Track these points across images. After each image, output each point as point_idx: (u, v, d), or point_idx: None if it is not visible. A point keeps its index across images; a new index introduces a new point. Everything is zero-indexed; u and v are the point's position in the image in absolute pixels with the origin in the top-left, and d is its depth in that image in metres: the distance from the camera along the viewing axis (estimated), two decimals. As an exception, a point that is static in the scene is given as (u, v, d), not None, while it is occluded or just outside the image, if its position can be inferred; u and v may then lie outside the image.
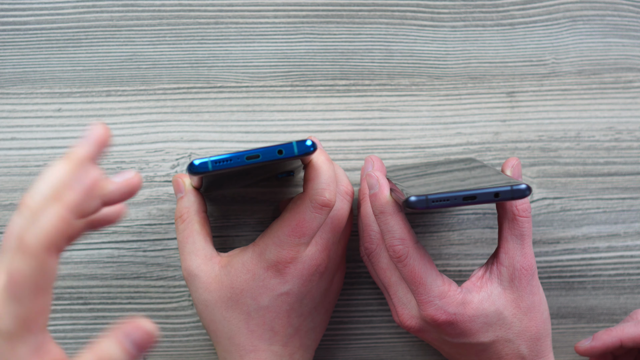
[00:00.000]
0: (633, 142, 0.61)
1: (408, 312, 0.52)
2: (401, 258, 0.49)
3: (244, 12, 0.59)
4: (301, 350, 0.54)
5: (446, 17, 0.60)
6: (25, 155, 0.58)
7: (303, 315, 0.53)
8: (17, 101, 0.58)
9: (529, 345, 0.52)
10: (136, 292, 0.59)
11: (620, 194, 0.61)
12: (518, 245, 0.51)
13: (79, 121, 0.58)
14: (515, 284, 0.51)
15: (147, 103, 0.59)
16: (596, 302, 0.61)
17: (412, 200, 0.46)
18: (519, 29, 0.60)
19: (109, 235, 0.59)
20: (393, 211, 0.49)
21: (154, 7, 0.59)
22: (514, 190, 0.46)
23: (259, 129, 0.59)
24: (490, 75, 0.60)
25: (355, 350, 0.61)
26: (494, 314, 0.51)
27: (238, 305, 0.52)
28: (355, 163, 0.60)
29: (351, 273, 0.60)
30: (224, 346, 0.53)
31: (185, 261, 0.53)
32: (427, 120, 0.60)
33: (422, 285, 0.50)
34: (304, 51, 0.59)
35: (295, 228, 0.50)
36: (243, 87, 0.59)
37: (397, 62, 0.60)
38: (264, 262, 0.51)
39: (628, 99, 0.61)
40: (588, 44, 0.61)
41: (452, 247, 0.60)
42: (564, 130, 0.60)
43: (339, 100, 0.60)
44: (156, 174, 0.59)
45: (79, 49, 0.58)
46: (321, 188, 0.50)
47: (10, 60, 0.58)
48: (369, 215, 0.54)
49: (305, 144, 0.45)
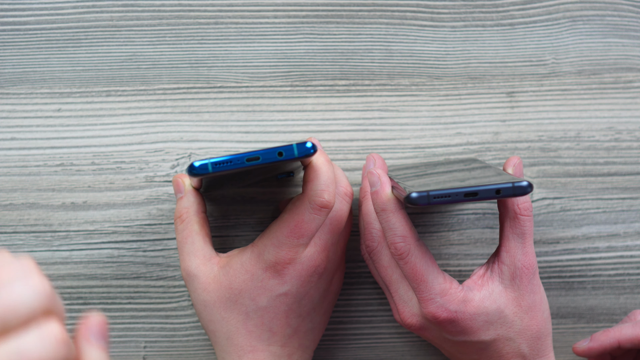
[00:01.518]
0: (633, 142, 0.61)
1: (409, 310, 0.52)
2: (403, 255, 0.49)
3: (244, 12, 0.59)
4: (300, 350, 0.54)
5: (446, 17, 0.60)
6: (25, 155, 0.58)
7: (302, 315, 0.53)
8: (17, 101, 0.58)
9: (530, 343, 0.52)
10: (136, 292, 0.59)
11: (620, 194, 0.61)
12: (519, 244, 0.51)
13: (79, 121, 0.58)
14: (516, 283, 0.51)
15: (147, 103, 0.59)
16: (596, 302, 0.61)
17: (413, 197, 0.46)
18: (518, 29, 0.60)
19: (109, 235, 0.59)
20: (394, 208, 0.49)
21: (154, 7, 0.58)
22: (515, 187, 0.46)
23: (258, 129, 0.59)
24: (490, 75, 0.60)
25: (355, 350, 0.61)
26: (495, 312, 0.51)
27: (236, 306, 0.52)
28: (355, 163, 0.60)
29: (351, 273, 0.60)
30: (223, 346, 0.53)
31: (184, 261, 0.53)
32: (427, 120, 0.60)
33: (423, 283, 0.50)
34: (304, 51, 0.59)
35: (294, 229, 0.50)
36: (243, 87, 0.59)
37: (397, 62, 0.60)
38: (262, 263, 0.51)
39: (628, 99, 0.61)
40: (588, 44, 0.61)
41: (452, 247, 0.60)
42: (564, 130, 0.60)
43: (339, 100, 0.60)
44: (156, 174, 0.59)
45: (79, 49, 0.58)
46: (320, 189, 0.50)
47: (10, 60, 0.58)
48: (371, 213, 0.54)
49: (306, 145, 0.45)
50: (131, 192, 0.59)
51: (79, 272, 0.58)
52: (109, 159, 0.58)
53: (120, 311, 0.59)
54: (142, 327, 0.59)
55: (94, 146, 0.58)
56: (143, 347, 0.59)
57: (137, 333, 0.59)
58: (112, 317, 0.59)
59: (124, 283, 0.59)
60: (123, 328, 0.59)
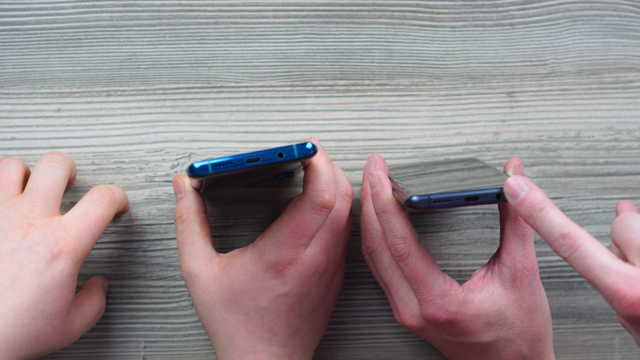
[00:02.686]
0: (633, 142, 0.61)
1: (409, 311, 0.53)
2: (403, 257, 0.49)
3: (244, 12, 0.59)
4: (300, 350, 0.54)
5: (446, 17, 0.60)
6: (25, 155, 0.58)
7: (302, 316, 0.53)
8: (17, 101, 0.58)
9: (530, 345, 0.52)
10: (136, 292, 0.59)
11: (620, 194, 0.61)
12: (520, 246, 0.51)
13: (79, 121, 0.58)
14: (516, 284, 0.51)
15: (147, 103, 0.59)
16: (596, 302, 0.61)
17: (414, 200, 0.46)
18: (518, 29, 0.60)
19: (109, 235, 0.59)
20: (395, 210, 0.49)
21: (154, 7, 0.58)
22: None
23: (258, 129, 0.59)
24: (490, 75, 0.60)
25: (355, 350, 0.61)
26: (495, 314, 0.51)
27: (237, 306, 0.52)
28: (355, 163, 0.60)
29: (351, 273, 0.60)
30: (223, 347, 0.53)
31: (185, 262, 0.53)
32: (426, 120, 0.60)
33: (423, 284, 0.50)
34: (303, 51, 0.59)
35: (295, 229, 0.50)
36: (243, 87, 0.59)
37: (397, 62, 0.60)
38: (263, 263, 0.51)
39: (628, 99, 0.61)
40: (588, 44, 0.61)
41: (452, 247, 0.60)
42: (563, 130, 0.60)
43: (338, 100, 0.60)
44: (156, 174, 0.59)
45: (79, 49, 0.58)
46: (321, 189, 0.50)
47: (10, 60, 0.58)
48: (371, 215, 0.54)
49: (306, 146, 0.45)
50: (131, 192, 0.59)
51: (79, 272, 0.58)
52: (109, 159, 0.58)
53: (120, 311, 0.59)
54: (142, 327, 0.59)
55: (94, 146, 0.58)
56: (143, 347, 0.60)
57: (137, 333, 0.59)
58: (112, 317, 0.59)
59: (124, 283, 0.59)
60: (123, 328, 0.59)
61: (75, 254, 0.50)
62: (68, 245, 0.49)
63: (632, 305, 0.41)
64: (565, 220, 0.43)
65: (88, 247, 0.51)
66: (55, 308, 0.49)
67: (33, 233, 0.49)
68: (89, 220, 0.51)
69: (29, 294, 0.48)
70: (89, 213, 0.51)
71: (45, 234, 0.49)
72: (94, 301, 0.55)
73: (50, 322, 0.49)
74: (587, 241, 0.42)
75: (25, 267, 0.48)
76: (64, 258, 0.49)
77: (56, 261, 0.49)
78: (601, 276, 0.41)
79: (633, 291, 0.41)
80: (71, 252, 0.49)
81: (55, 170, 0.52)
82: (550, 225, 0.43)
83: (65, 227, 0.50)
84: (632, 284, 0.41)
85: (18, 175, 0.52)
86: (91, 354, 0.59)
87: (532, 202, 0.44)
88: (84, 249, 0.50)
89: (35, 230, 0.49)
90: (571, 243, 0.42)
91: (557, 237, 0.43)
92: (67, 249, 0.49)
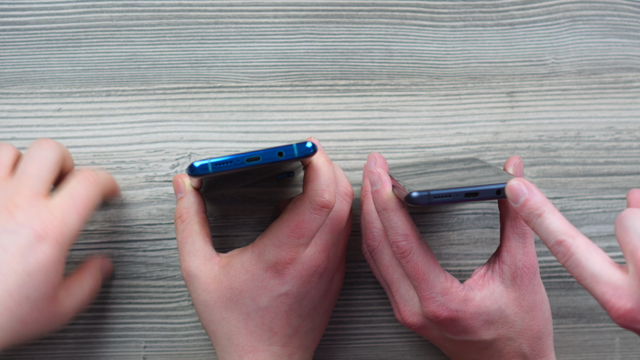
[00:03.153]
0: (633, 142, 0.61)
1: (410, 309, 0.53)
2: (405, 254, 0.49)
3: (244, 12, 0.59)
4: (300, 350, 0.54)
5: (446, 17, 0.60)
6: (25, 155, 0.58)
7: (302, 315, 0.53)
8: (17, 101, 0.58)
9: (530, 343, 0.52)
10: (136, 292, 0.59)
11: (620, 194, 0.61)
12: (520, 244, 0.51)
13: (79, 121, 0.58)
14: (517, 283, 0.51)
15: (147, 103, 0.59)
16: (596, 302, 0.61)
17: (414, 196, 0.46)
18: (518, 29, 0.60)
19: (109, 235, 0.59)
20: (396, 207, 0.49)
21: (154, 7, 0.58)
22: None
23: (258, 129, 0.59)
24: (490, 75, 0.60)
25: (355, 350, 0.61)
26: (496, 312, 0.51)
27: (237, 306, 0.52)
28: (355, 163, 0.60)
29: (351, 273, 0.60)
30: (223, 346, 0.53)
31: (185, 261, 0.53)
32: (426, 120, 0.60)
33: (424, 282, 0.50)
34: (303, 51, 0.59)
35: (295, 229, 0.50)
36: (243, 87, 0.59)
37: (397, 62, 0.60)
38: (263, 263, 0.51)
39: (628, 99, 0.61)
40: (588, 44, 0.61)
41: (452, 247, 0.60)
42: (563, 130, 0.60)
43: (338, 100, 0.60)
44: (156, 174, 0.59)
45: (79, 49, 0.58)
46: (321, 189, 0.50)
47: (10, 60, 0.58)
48: (372, 213, 0.54)
49: (306, 146, 0.45)
50: (131, 192, 0.59)
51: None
52: (109, 159, 0.58)
53: (120, 311, 0.59)
54: (142, 327, 0.59)
55: (94, 146, 0.58)
56: (143, 347, 0.59)
57: (137, 333, 0.59)
58: (112, 317, 0.59)
59: (124, 283, 0.59)
60: (123, 328, 0.59)
61: (62, 236, 0.49)
62: (54, 227, 0.48)
63: (621, 317, 0.41)
64: (562, 226, 0.43)
65: (75, 229, 0.50)
66: (41, 292, 0.48)
67: (18, 215, 0.48)
68: (74, 201, 0.50)
69: (12, 279, 0.47)
70: (73, 194, 0.50)
71: (30, 216, 0.48)
72: (84, 281, 0.54)
73: (36, 307, 0.48)
74: (580, 248, 0.43)
75: (9, 251, 0.47)
76: (50, 241, 0.48)
77: (41, 244, 0.48)
78: (592, 286, 0.42)
79: (620, 303, 0.41)
80: (57, 234, 0.48)
81: (44, 152, 0.51)
82: (547, 232, 0.43)
83: (51, 208, 0.49)
84: (619, 295, 0.41)
85: (9, 159, 0.52)
86: (91, 353, 0.59)
87: (531, 208, 0.44)
88: (71, 231, 0.49)
89: (20, 211, 0.48)
90: (565, 251, 0.43)
91: (553, 243, 0.43)
92: (53, 231, 0.48)
